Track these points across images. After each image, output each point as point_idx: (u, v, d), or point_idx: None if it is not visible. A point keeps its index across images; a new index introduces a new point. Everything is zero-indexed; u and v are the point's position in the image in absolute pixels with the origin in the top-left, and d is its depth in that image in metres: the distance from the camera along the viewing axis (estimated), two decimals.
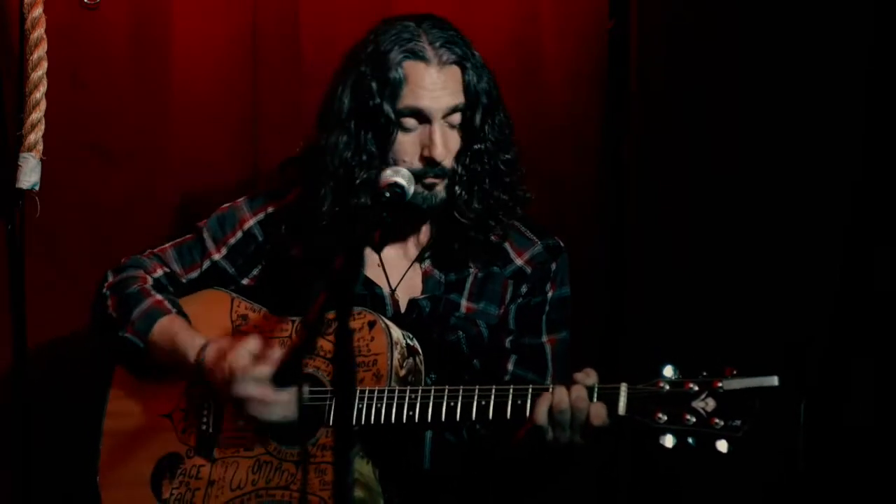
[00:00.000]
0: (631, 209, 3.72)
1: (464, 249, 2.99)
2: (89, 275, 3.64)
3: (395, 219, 2.87)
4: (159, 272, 3.09)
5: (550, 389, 2.65)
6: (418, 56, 2.89)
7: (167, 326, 2.95)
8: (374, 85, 2.89)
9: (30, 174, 3.46)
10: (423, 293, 3.00)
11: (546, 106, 3.76)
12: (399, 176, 2.78)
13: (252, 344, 2.82)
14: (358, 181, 2.90)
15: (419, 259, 3.03)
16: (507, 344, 3.00)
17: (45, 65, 3.45)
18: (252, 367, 2.78)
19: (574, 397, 2.61)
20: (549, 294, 3.04)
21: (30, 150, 3.45)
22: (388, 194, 2.74)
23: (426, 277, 3.02)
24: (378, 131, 2.90)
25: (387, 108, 2.88)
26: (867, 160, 3.38)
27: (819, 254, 3.43)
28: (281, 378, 2.20)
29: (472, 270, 3.02)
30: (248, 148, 3.78)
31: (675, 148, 3.66)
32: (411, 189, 2.80)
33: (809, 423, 3.37)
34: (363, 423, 2.73)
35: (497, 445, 2.92)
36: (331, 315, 2.16)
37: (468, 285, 3.02)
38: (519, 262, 3.05)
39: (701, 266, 3.57)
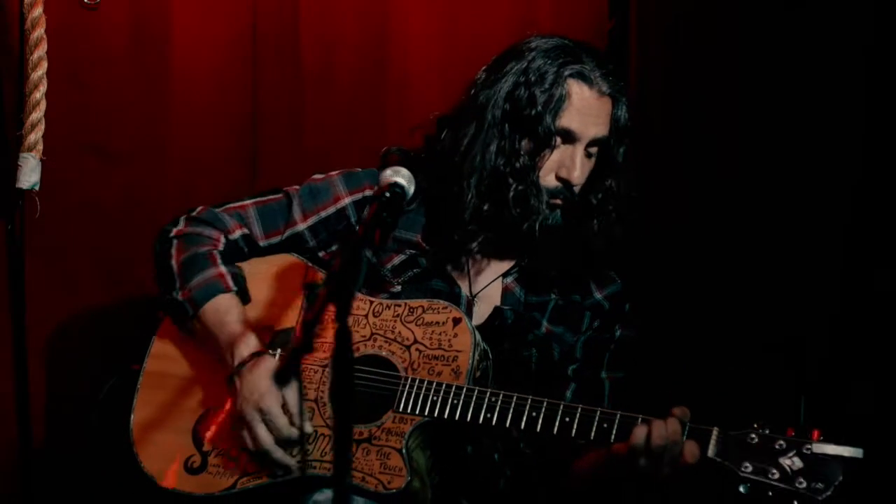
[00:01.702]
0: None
1: (554, 275, 3.02)
2: (89, 275, 3.66)
3: (501, 233, 2.93)
4: (237, 233, 3.04)
5: (640, 419, 2.65)
6: (584, 78, 2.90)
7: (222, 306, 2.91)
8: (536, 94, 2.88)
9: (30, 174, 3.46)
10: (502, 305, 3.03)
11: None
12: (399, 176, 2.76)
13: (290, 392, 2.79)
14: (512, 193, 2.89)
15: (505, 274, 3.05)
16: (570, 372, 3.02)
17: (45, 65, 3.46)
18: (278, 415, 2.77)
19: (671, 430, 2.61)
20: (618, 333, 3.07)
21: (30, 150, 3.45)
22: (388, 194, 2.72)
23: (506, 292, 3.04)
24: (534, 141, 2.90)
25: (548, 120, 2.88)
26: (867, 160, 3.38)
27: (819, 254, 3.43)
28: (281, 376, 2.20)
29: (553, 296, 3.05)
30: (248, 148, 3.78)
31: (674, 148, 3.67)
32: (411, 189, 2.78)
33: (809, 423, 3.36)
34: (435, 415, 2.75)
35: (551, 465, 2.95)
36: (330, 312, 2.15)
37: (550, 309, 3.04)
38: (598, 295, 3.09)
39: (700, 266, 3.57)
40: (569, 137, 2.90)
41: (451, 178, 2.94)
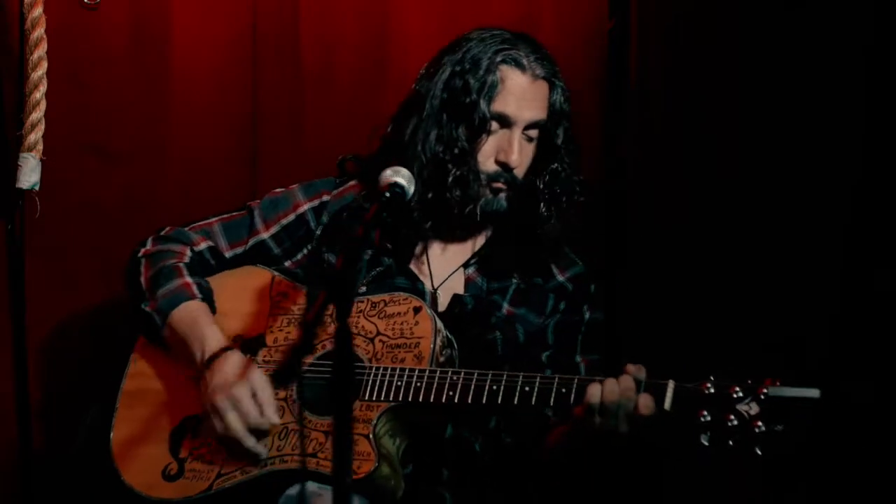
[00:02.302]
0: (631, 209, 3.72)
1: (513, 261, 3.08)
2: (89, 275, 3.66)
3: (454, 222, 3.02)
4: (203, 245, 3.11)
5: (599, 378, 2.70)
6: (517, 63, 2.99)
7: (190, 311, 2.97)
8: (471, 81, 2.98)
9: (30, 174, 3.46)
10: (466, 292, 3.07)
11: None
12: (399, 176, 2.79)
13: (261, 385, 2.84)
14: (451, 178, 2.97)
15: (466, 265, 3.10)
16: (544, 359, 3.05)
17: (45, 65, 3.46)
18: (249, 403, 2.81)
19: (623, 387, 2.66)
20: (587, 315, 3.12)
21: (30, 150, 3.45)
22: (388, 194, 2.75)
23: (468, 283, 3.08)
24: (470, 127, 2.98)
25: (482, 106, 2.96)
26: (867, 160, 3.38)
27: (819, 254, 3.43)
28: (282, 376, 2.21)
29: (514, 281, 3.09)
30: (248, 148, 3.78)
31: (674, 148, 3.67)
32: (411, 189, 2.80)
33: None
34: (400, 399, 2.78)
35: (525, 449, 3.00)
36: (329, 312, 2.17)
37: (511, 292, 3.08)
38: (561, 278, 3.13)
39: (701, 266, 3.57)
40: (505, 122, 2.98)
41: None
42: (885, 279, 3.33)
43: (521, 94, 2.99)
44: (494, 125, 2.99)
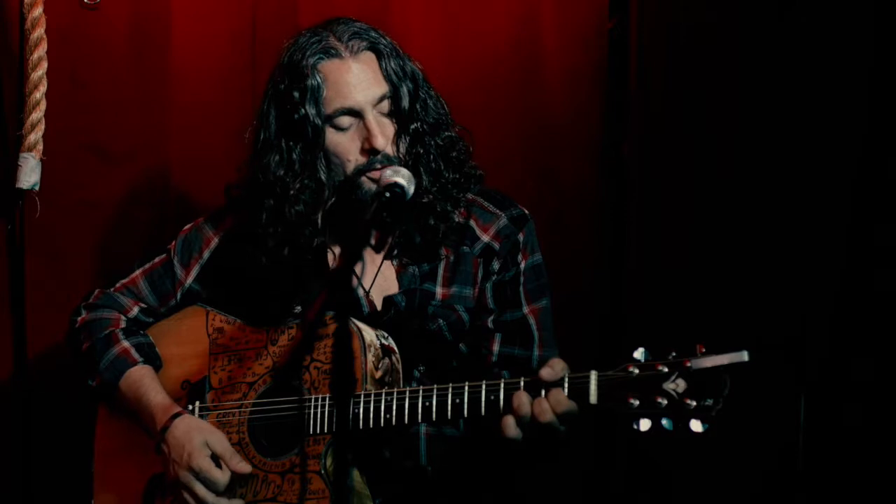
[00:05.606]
0: (631, 208, 3.72)
1: (429, 239, 2.95)
2: (89, 275, 3.66)
3: (355, 220, 2.87)
4: (135, 310, 3.09)
5: (521, 387, 2.62)
6: (331, 54, 2.87)
7: (134, 380, 2.97)
8: (295, 95, 2.86)
9: (30, 174, 3.46)
10: (399, 289, 2.96)
11: (546, 106, 3.76)
12: (399, 176, 2.76)
13: (216, 441, 2.84)
14: (292, 192, 2.89)
15: (388, 257, 2.99)
16: (490, 324, 2.97)
17: (45, 65, 3.46)
18: (209, 469, 2.81)
19: (553, 400, 2.59)
20: (522, 265, 2.99)
21: (30, 150, 3.46)
22: (388, 194, 2.72)
23: (400, 274, 2.98)
24: (308, 141, 2.88)
25: (312, 115, 2.86)
26: (867, 160, 3.38)
27: (819, 253, 3.43)
28: (281, 375, 2.20)
29: (443, 256, 2.98)
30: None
31: (674, 147, 3.67)
32: (411, 189, 2.78)
33: (809, 422, 3.37)
34: None
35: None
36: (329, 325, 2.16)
37: (441, 272, 2.98)
38: (485, 238, 3.00)
39: (700, 265, 3.57)
40: (352, 113, 2.87)
41: (256, 203, 2.95)
42: (886, 279, 3.33)
43: (351, 79, 2.85)
44: (346, 120, 2.86)
